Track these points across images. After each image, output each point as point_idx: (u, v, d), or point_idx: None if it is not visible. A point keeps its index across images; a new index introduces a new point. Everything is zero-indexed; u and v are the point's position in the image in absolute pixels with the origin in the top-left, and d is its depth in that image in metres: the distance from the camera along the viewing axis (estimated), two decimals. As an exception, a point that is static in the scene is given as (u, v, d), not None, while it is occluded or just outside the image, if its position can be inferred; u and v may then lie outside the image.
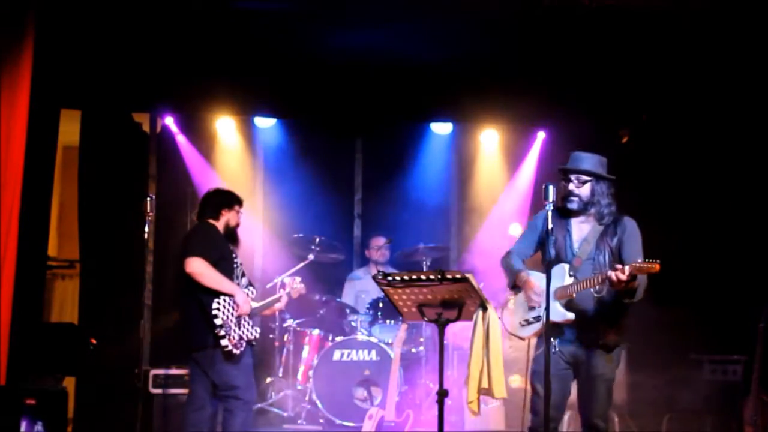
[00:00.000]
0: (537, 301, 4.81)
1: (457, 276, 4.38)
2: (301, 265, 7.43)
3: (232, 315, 5.58)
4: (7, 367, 5.99)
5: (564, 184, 4.88)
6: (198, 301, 5.57)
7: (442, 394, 4.46)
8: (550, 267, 4.58)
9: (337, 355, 7.27)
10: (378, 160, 8.97)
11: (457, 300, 4.48)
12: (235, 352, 5.56)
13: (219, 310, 5.52)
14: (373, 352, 7.29)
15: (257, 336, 5.78)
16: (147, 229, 6.13)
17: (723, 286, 7.47)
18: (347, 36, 7.27)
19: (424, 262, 7.84)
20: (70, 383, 6.90)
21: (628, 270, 4.44)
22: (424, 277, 4.43)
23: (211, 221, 5.85)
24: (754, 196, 7.51)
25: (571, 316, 4.70)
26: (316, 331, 7.59)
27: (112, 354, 7.22)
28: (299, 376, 7.52)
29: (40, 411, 5.79)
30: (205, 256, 5.58)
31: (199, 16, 6.93)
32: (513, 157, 8.98)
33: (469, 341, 4.74)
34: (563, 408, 4.93)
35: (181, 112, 8.44)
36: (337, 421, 7.11)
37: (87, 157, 8.09)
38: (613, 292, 4.66)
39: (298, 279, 6.25)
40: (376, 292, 7.53)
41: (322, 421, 7.26)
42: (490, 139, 9.01)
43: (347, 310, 7.80)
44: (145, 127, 8.44)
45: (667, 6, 6.64)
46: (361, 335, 7.45)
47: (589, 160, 4.88)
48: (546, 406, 4.50)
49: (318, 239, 7.70)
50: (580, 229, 4.89)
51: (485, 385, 4.67)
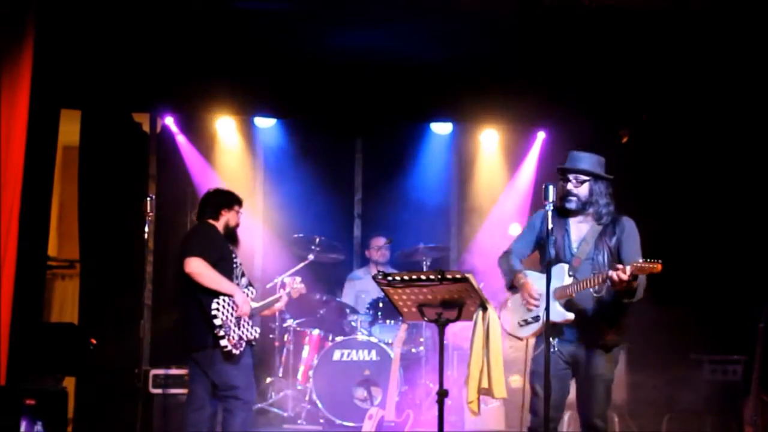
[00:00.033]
0: (533, 305, 4.81)
1: (457, 276, 4.38)
2: (301, 265, 7.43)
3: (232, 315, 5.58)
4: (7, 367, 5.98)
5: (562, 183, 4.87)
6: (197, 301, 5.56)
7: (442, 394, 4.46)
8: (550, 267, 4.58)
9: (337, 355, 7.27)
10: (378, 160, 8.97)
11: (457, 300, 4.48)
12: (235, 352, 5.55)
13: (218, 310, 5.51)
14: (373, 352, 7.29)
15: (257, 336, 5.77)
16: (147, 229, 6.12)
17: (723, 286, 7.46)
18: (347, 36, 7.27)
19: (424, 262, 7.83)
20: (70, 383, 6.90)
21: (629, 270, 4.43)
22: (424, 277, 4.42)
23: (210, 221, 5.85)
24: (754, 196, 7.50)
25: (570, 316, 4.70)
26: (316, 331, 7.59)
27: (112, 354, 7.23)
28: (299, 376, 7.51)
29: (40, 411, 5.79)
30: (204, 256, 5.57)
31: (199, 16, 6.93)
32: (513, 157, 8.98)
33: (469, 341, 4.72)
34: (562, 408, 4.93)
35: (181, 112, 8.44)
36: (337, 421, 7.11)
37: (87, 157, 8.09)
38: (613, 292, 4.65)
39: (298, 279, 6.25)
40: (376, 292, 7.52)
41: (322, 421, 7.26)
42: (490, 139, 9.01)
43: (347, 310, 7.80)
44: (145, 127, 8.45)
45: (667, 6, 6.64)
46: (361, 335, 7.45)
47: (587, 160, 4.87)
48: (546, 406, 4.49)
49: (318, 239, 7.70)
50: (579, 228, 4.88)
51: (485, 385, 4.67)
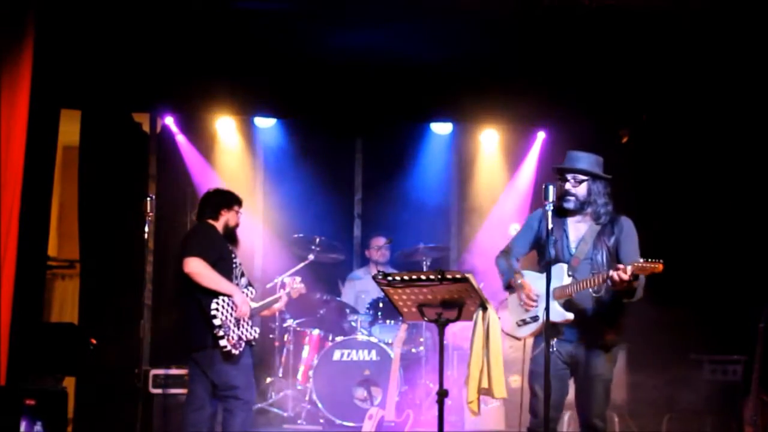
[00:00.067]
0: (530, 305, 4.81)
1: (457, 276, 4.38)
2: (301, 265, 7.43)
3: (231, 315, 5.57)
4: (7, 367, 5.98)
5: (560, 183, 4.86)
6: (197, 301, 5.56)
7: (442, 394, 4.46)
8: (550, 267, 4.58)
9: (337, 355, 7.27)
10: (378, 160, 8.97)
11: (457, 300, 4.47)
12: (234, 352, 5.55)
13: (218, 310, 5.51)
14: (373, 352, 7.28)
15: (256, 336, 5.77)
16: (147, 229, 6.12)
17: (723, 286, 7.45)
18: (347, 36, 7.27)
19: (424, 262, 7.83)
20: (70, 383, 6.90)
21: (630, 270, 4.42)
22: (424, 277, 4.42)
23: (210, 221, 5.85)
24: (754, 196, 7.50)
25: (570, 316, 4.69)
26: (316, 331, 7.59)
27: (112, 354, 7.22)
28: (299, 376, 7.51)
29: (40, 411, 5.79)
30: (203, 256, 5.57)
31: (199, 16, 6.93)
32: (513, 157, 8.98)
33: (469, 341, 4.72)
34: (561, 408, 4.92)
35: (181, 112, 8.44)
36: (337, 421, 7.11)
37: (87, 157, 8.09)
38: (612, 292, 4.65)
39: (298, 279, 6.24)
40: (376, 292, 7.52)
41: (322, 421, 7.26)
42: (490, 139, 9.00)
43: (347, 310, 7.80)
44: (145, 127, 8.44)
45: (667, 6, 6.64)
46: (361, 335, 7.44)
47: (585, 160, 4.87)
48: (546, 406, 4.49)
49: (318, 239, 7.70)
50: (577, 228, 4.88)
51: (485, 385, 4.66)
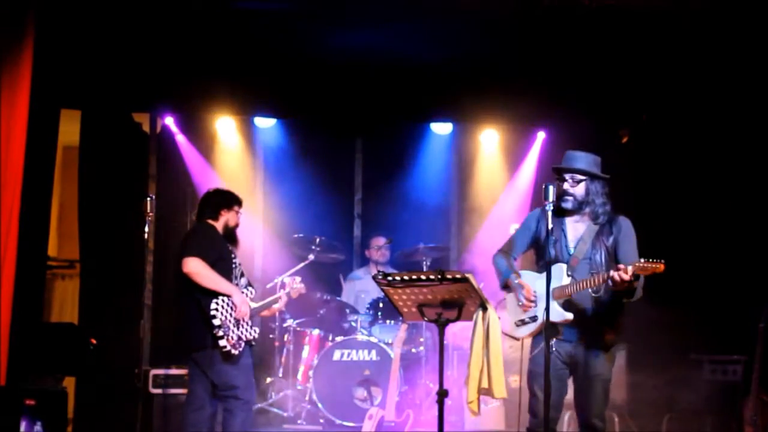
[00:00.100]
0: (528, 306, 4.81)
1: (457, 276, 4.38)
2: (301, 265, 7.43)
3: (231, 315, 5.57)
4: (7, 367, 5.98)
5: (558, 183, 4.86)
6: (196, 301, 5.56)
7: (442, 394, 4.46)
8: (550, 267, 4.58)
9: (337, 355, 7.27)
10: (378, 160, 8.97)
11: (457, 300, 4.47)
12: (234, 352, 5.55)
13: (217, 310, 5.50)
14: (373, 352, 7.29)
15: (256, 336, 5.76)
16: (147, 229, 6.12)
17: (723, 286, 7.45)
18: (347, 36, 7.27)
19: (424, 262, 7.83)
20: (70, 383, 6.90)
21: (631, 270, 4.42)
22: (424, 277, 4.42)
23: (210, 221, 5.84)
24: (754, 196, 7.50)
25: (569, 316, 4.69)
26: (316, 331, 7.59)
27: (112, 354, 7.22)
28: (299, 376, 7.51)
29: (40, 411, 5.79)
30: (202, 256, 5.56)
31: (199, 16, 6.93)
32: (513, 157, 8.98)
33: (469, 341, 4.73)
34: (560, 408, 4.92)
35: (181, 112, 8.44)
36: (337, 421, 7.11)
37: (87, 157, 8.09)
38: (611, 292, 4.65)
39: (298, 279, 6.24)
40: (376, 292, 7.52)
41: (322, 421, 7.26)
42: (490, 139, 9.00)
43: (347, 310, 7.80)
44: (145, 127, 8.44)
45: (667, 6, 6.63)
46: (361, 335, 7.44)
47: (583, 159, 4.87)
48: (546, 407, 4.49)
49: (318, 239, 7.70)
50: (575, 228, 4.87)
51: (485, 385, 4.67)
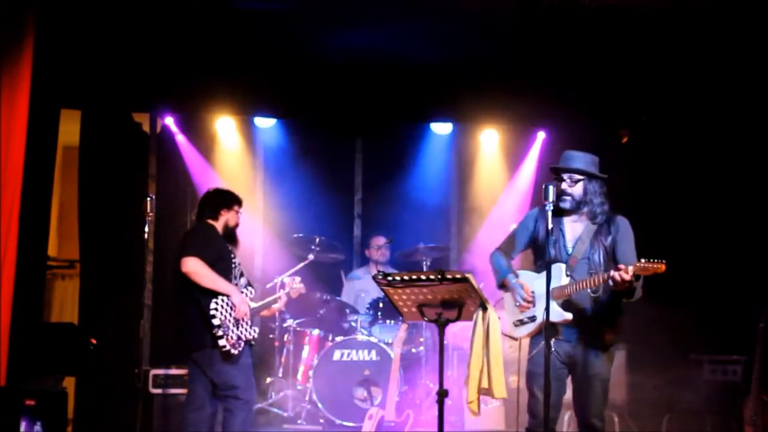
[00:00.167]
0: (526, 307, 4.81)
1: (457, 276, 4.38)
2: (301, 265, 7.43)
3: (230, 315, 5.57)
4: (7, 367, 5.97)
5: (556, 183, 4.86)
6: (196, 301, 5.56)
7: (442, 394, 4.46)
8: (550, 267, 4.58)
9: (337, 355, 7.27)
10: (378, 160, 8.97)
11: (457, 300, 4.48)
12: (233, 352, 5.55)
13: (217, 310, 5.50)
14: (373, 352, 7.29)
15: (255, 336, 5.76)
16: (147, 229, 6.12)
17: (723, 286, 7.45)
18: (347, 36, 7.26)
19: (424, 262, 7.83)
20: (70, 383, 6.90)
21: (632, 270, 4.42)
22: (424, 277, 4.42)
23: (209, 221, 5.84)
24: (754, 195, 7.50)
25: (569, 316, 4.69)
26: (316, 331, 7.59)
27: (112, 354, 7.22)
28: (299, 376, 7.51)
29: (40, 411, 5.78)
30: (201, 255, 5.56)
31: (199, 16, 6.93)
32: (513, 157, 8.97)
33: (469, 341, 4.73)
34: (560, 407, 4.92)
35: (181, 112, 8.44)
36: (337, 421, 7.11)
37: (87, 157, 8.09)
38: (610, 292, 4.66)
39: (297, 279, 6.25)
40: (376, 292, 7.52)
41: (322, 421, 7.26)
42: (490, 139, 9.00)
43: (347, 310, 7.80)
44: (145, 127, 8.44)
45: (667, 6, 6.63)
46: (361, 335, 7.44)
47: (581, 159, 4.87)
48: (546, 407, 4.49)
49: (318, 239, 7.70)
50: (574, 228, 4.87)
51: (485, 385, 4.67)
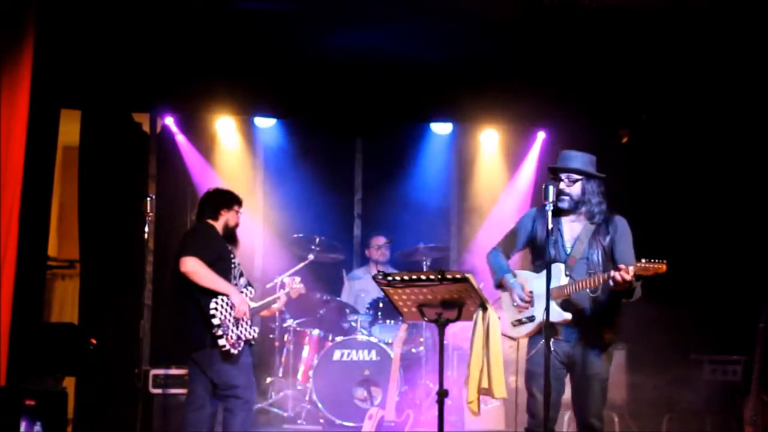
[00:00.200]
0: (523, 307, 4.81)
1: (457, 276, 4.38)
2: (301, 265, 7.43)
3: (230, 315, 5.57)
4: (7, 367, 5.97)
5: (555, 183, 4.86)
6: (196, 301, 5.56)
7: (442, 394, 4.46)
8: (549, 266, 4.57)
9: (337, 355, 7.27)
10: (378, 160, 8.97)
11: (457, 300, 4.47)
12: (233, 351, 5.55)
13: (217, 309, 5.50)
14: (373, 352, 7.29)
15: (255, 336, 5.76)
16: (147, 229, 6.12)
17: (723, 286, 7.45)
18: (347, 36, 7.26)
19: (424, 262, 7.83)
20: (70, 383, 6.90)
21: (632, 270, 4.42)
22: (424, 277, 4.42)
23: (209, 221, 5.84)
24: (754, 196, 7.50)
25: (568, 316, 4.69)
26: (316, 331, 7.59)
27: (112, 354, 7.22)
28: (299, 376, 7.51)
29: (40, 411, 5.78)
30: (200, 255, 5.56)
31: (199, 16, 6.93)
32: (513, 157, 8.97)
33: (469, 341, 4.73)
34: (559, 407, 4.92)
35: (181, 112, 8.44)
36: (337, 421, 7.11)
37: (87, 157, 8.09)
38: (609, 292, 4.66)
39: (297, 279, 6.25)
40: (376, 292, 7.52)
41: (322, 421, 7.26)
42: (490, 139, 9.00)
43: (347, 310, 7.80)
44: (145, 127, 8.44)
45: (667, 6, 6.63)
46: (361, 335, 7.44)
47: (579, 159, 4.86)
48: (546, 407, 4.49)
49: (318, 239, 7.70)
50: (572, 228, 4.87)
51: (485, 385, 4.67)
